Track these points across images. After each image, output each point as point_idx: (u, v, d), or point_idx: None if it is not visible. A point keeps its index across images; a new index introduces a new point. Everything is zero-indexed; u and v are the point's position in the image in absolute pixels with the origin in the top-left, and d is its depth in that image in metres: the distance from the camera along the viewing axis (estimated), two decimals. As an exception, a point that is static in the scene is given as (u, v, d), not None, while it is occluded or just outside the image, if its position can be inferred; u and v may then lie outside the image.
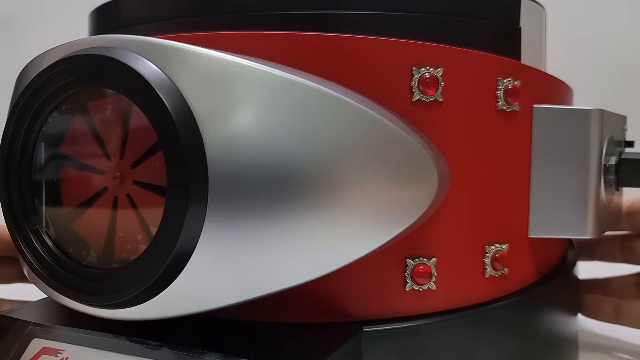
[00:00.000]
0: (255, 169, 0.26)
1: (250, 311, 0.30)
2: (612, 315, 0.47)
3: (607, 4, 0.88)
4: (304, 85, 0.27)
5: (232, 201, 0.26)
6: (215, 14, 0.33)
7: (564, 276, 0.40)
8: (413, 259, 0.32)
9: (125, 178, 0.29)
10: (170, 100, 0.26)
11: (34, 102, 0.29)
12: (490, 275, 0.34)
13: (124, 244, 0.29)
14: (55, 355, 0.30)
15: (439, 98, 0.32)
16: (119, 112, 0.29)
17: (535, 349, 0.38)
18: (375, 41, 0.31)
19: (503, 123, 0.34)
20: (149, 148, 0.28)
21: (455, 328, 0.33)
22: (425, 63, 0.32)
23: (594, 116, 0.36)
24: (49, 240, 0.30)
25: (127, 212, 0.29)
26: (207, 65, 0.27)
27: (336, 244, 0.28)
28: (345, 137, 0.28)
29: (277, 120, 0.27)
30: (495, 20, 0.36)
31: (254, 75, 0.27)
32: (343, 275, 0.31)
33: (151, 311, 0.28)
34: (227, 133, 0.26)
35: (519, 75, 0.35)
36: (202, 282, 0.27)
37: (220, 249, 0.26)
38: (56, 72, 0.28)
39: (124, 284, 0.27)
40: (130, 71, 0.26)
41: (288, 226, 0.27)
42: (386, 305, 0.32)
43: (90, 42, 0.29)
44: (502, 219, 0.35)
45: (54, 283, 0.29)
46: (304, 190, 0.27)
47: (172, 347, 0.28)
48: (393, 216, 0.29)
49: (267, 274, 0.28)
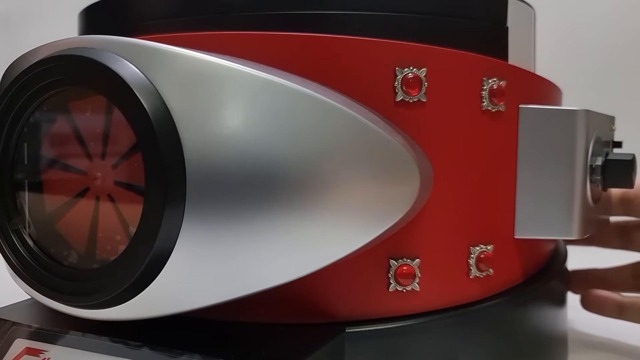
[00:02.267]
0: (234, 170, 0.26)
1: (231, 311, 0.30)
2: (615, 311, 0.47)
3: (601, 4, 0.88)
4: (283, 86, 0.27)
5: (210, 202, 0.26)
6: (199, 15, 0.33)
7: (551, 276, 0.40)
8: (396, 260, 0.32)
9: (106, 178, 0.29)
10: (148, 101, 0.26)
11: (15, 102, 0.29)
12: (475, 276, 0.34)
13: (104, 244, 0.29)
14: (38, 355, 0.30)
15: (422, 98, 0.32)
16: (100, 113, 0.29)
17: (522, 350, 0.38)
18: (358, 41, 0.31)
19: (488, 123, 0.34)
20: (129, 148, 0.28)
21: (439, 329, 0.33)
22: (409, 63, 0.31)
23: (580, 117, 0.36)
24: (31, 241, 0.30)
25: (108, 212, 0.29)
26: (186, 66, 0.27)
27: (317, 244, 0.28)
28: (325, 138, 0.28)
29: (256, 122, 0.27)
30: (481, 20, 0.36)
31: (233, 76, 0.27)
32: (326, 276, 0.31)
33: (131, 311, 0.28)
34: (205, 134, 0.26)
35: (505, 75, 0.35)
36: (181, 283, 0.27)
37: (199, 249, 0.26)
38: (37, 72, 0.28)
39: (104, 284, 0.27)
40: (109, 72, 0.26)
41: (268, 227, 0.27)
42: (369, 306, 0.32)
43: (72, 43, 0.29)
44: (487, 220, 0.35)
45: (35, 283, 0.29)
46: (284, 190, 0.27)
47: (153, 347, 0.28)
48: (375, 217, 0.29)
49: (247, 274, 0.28)
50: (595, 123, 0.38)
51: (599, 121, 0.39)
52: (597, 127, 0.38)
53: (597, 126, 0.38)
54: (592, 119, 0.37)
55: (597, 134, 0.38)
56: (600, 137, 0.39)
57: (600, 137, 0.39)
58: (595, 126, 0.38)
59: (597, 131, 0.38)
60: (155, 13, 0.34)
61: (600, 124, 0.39)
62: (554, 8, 0.81)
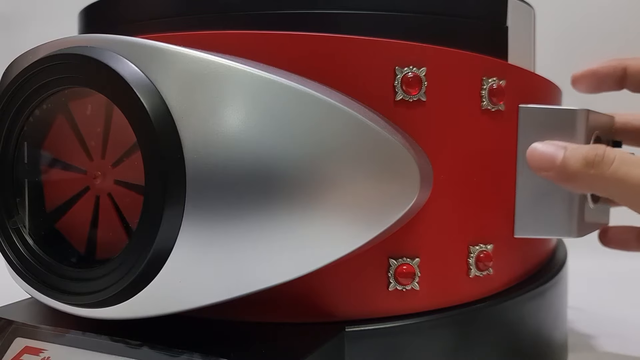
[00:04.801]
0: (234, 168, 0.26)
1: (231, 311, 0.30)
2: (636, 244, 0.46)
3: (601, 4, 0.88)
4: (284, 85, 0.27)
5: (210, 200, 0.26)
6: (199, 14, 0.33)
7: (552, 276, 0.40)
8: (396, 259, 0.32)
9: (106, 177, 0.29)
10: (148, 100, 0.26)
11: (15, 100, 0.29)
12: (475, 276, 0.34)
13: (104, 243, 0.29)
14: (37, 354, 0.30)
15: (422, 98, 0.32)
16: (100, 111, 0.29)
17: (522, 350, 0.37)
18: (359, 40, 0.31)
19: (488, 123, 0.34)
20: (130, 147, 0.28)
21: (439, 328, 0.33)
22: (409, 63, 0.31)
23: (580, 116, 0.36)
24: (31, 240, 0.30)
25: (108, 211, 0.29)
26: (186, 64, 0.27)
27: (317, 243, 0.28)
28: (325, 137, 0.28)
29: (256, 121, 0.27)
30: (481, 20, 0.36)
31: (233, 75, 0.27)
32: (325, 275, 0.31)
33: (131, 310, 0.28)
34: (205, 133, 0.26)
35: (505, 75, 0.35)
36: (181, 282, 0.27)
37: (199, 248, 0.26)
38: (37, 71, 0.28)
39: (104, 283, 0.27)
40: (109, 71, 0.26)
41: (268, 226, 0.27)
42: (369, 305, 0.32)
43: (72, 42, 0.29)
44: (487, 219, 0.35)
45: (35, 282, 0.29)
46: (284, 189, 0.27)
47: (153, 346, 0.28)
48: (374, 216, 0.29)
49: (247, 273, 0.28)
50: (595, 122, 0.38)
51: (599, 121, 0.39)
52: (597, 127, 0.38)
53: (597, 126, 0.38)
54: (592, 118, 0.37)
55: (597, 133, 0.38)
56: (601, 137, 0.39)
57: (601, 136, 0.39)
58: (595, 126, 0.38)
59: (597, 131, 0.38)
60: (155, 12, 0.34)
61: (601, 124, 0.39)
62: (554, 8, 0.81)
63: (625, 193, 0.32)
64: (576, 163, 0.32)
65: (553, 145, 0.34)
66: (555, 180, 0.34)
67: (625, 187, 0.32)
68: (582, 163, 0.32)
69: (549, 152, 0.33)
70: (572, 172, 0.33)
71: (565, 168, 0.33)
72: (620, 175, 0.32)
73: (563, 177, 0.33)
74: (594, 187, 0.33)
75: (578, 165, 0.32)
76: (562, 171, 0.33)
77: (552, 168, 0.33)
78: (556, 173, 0.33)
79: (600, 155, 0.32)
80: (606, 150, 0.33)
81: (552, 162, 0.33)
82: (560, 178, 0.33)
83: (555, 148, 0.33)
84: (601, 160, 0.32)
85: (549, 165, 0.33)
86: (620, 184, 0.32)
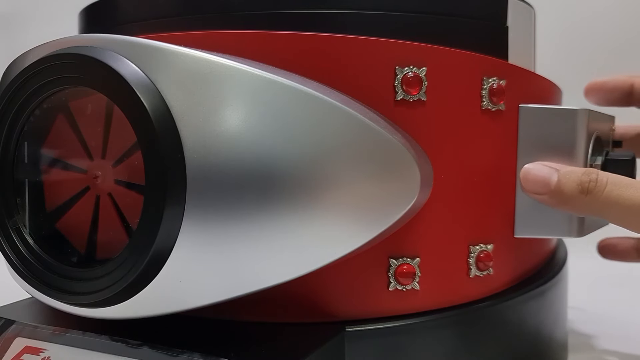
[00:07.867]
0: (234, 168, 0.26)
1: (231, 310, 0.30)
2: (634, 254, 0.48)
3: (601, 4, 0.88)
4: (284, 85, 0.27)
5: (210, 200, 0.26)
6: (199, 14, 0.33)
7: (552, 276, 0.40)
8: (396, 259, 0.32)
9: (106, 177, 0.29)
10: (148, 100, 0.26)
11: (15, 100, 0.29)
12: (475, 276, 0.34)
13: (105, 242, 0.29)
14: (38, 354, 0.30)
15: (422, 97, 0.32)
16: (100, 111, 0.29)
17: (522, 350, 0.38)
18: (359, 40, 0.31)
19: (488, 122, 0.34)
20: (130, 147, 0.28)
21: (439, 328, 0.33)
22: (409, 62, 0.31)
23: (581, 116, 0.36)
24: (31, 239, 0.30)
25: (109, 211, 0.29)
26: (187, 64, 0.27)
27: (317, 243, 0.28)
28: (325, 137, 0.28)
29: (257, 120, 0.27)
30: (481, 20, 0.36)
31: (234, 74, 0.27)
32: (326, 275, 0.31)
33: (131, 310, 0.28)
34: (206, 133, 0.26)
35: (505, 74, 0.35)
36: (181, 281, 0.27)
37: (199, 248, 0.26)
38: (37, 70, 0.28)
39: (104, 282, 0.27)
40: (109, 70, 0.26)
41: (268, 225, 0.27)
42: (369, 305, 0.32)
43: (72, 41, 0.29)
44: (487, 219, 0.35)
45: (35, 282, 0.29)
46: (284, 189, 0.27)
47: (153, 346, 0.28)
48: (374, 215, 0.29)
49: (247, 273, 0.28)
50: (596, 123, 0.38)
51: (599, 121, 0.39)
52: (597, 127, 0.38)
53: (597, 126, 0.38)
54: (593, 118, 0.37)
55: (597, 133, 0.38)
56: (601, 137, 0.39)
57: (601, 136, 0.39)
58: (595, 126, 0.38)
59: (597, 131, 0.38)
60: (155, 12, 0.34)
61: (601, 124, 0.39)
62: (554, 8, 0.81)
63: (619, 215, 0.33)
64: (570, 189, 0.33)
65: (546, 167, 0.34)
66: (549, 205, 0.34)
67: (618, 209, 0.33)
68: (577, 189, 0.33)
69: (542, 175, 0.34)
70: (567, 198, 0.33)
71: (559, 194, 0.33)
72: (614, 198, 0.32)
73: (557, 202, 0.34)
74: (588, 211, 0.34)
75: (572, 191, 0.33)
76: (556, 196, 0.34)
77: (546, 192, 0.34)
78: (550, 197, 0.34)
79: (594, 180, 0.32)
80: (599, 174, 0.33)
81: (546, 185, 0.34)
82: (554, 202, 0.34)
83: (549, 171, 0.34)
84: (595, 185, 0.32)
85: (543, 190, 0.34)
86: (613, 207, 0.33)
